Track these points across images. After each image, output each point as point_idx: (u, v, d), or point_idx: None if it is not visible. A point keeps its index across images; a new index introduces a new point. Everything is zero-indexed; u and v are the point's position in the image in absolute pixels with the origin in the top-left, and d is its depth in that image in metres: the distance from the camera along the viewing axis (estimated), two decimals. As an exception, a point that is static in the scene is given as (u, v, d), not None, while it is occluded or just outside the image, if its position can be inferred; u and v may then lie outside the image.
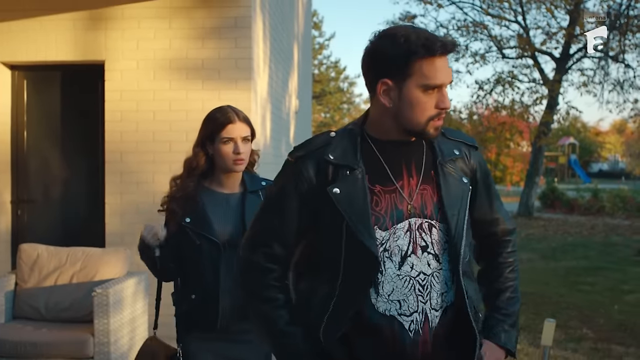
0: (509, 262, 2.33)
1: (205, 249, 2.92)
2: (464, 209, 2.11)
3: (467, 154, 2.22)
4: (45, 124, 6.64)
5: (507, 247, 2.33)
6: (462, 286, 2.09)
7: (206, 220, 2.94)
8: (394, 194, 2.07)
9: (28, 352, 4.67)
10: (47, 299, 5.17)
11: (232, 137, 2.93)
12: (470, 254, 2.25)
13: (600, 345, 6.85)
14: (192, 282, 2.98)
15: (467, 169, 2.19)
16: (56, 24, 6.29)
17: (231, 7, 6.14)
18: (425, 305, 2.04)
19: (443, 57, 1.98)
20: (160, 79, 6.22)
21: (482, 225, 2.29)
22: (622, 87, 22.36)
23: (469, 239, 2.19)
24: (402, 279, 2.04)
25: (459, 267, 2.08)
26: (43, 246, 5.38)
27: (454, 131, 2.28)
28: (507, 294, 2.29)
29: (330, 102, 43.40)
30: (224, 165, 2.95)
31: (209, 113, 3.01)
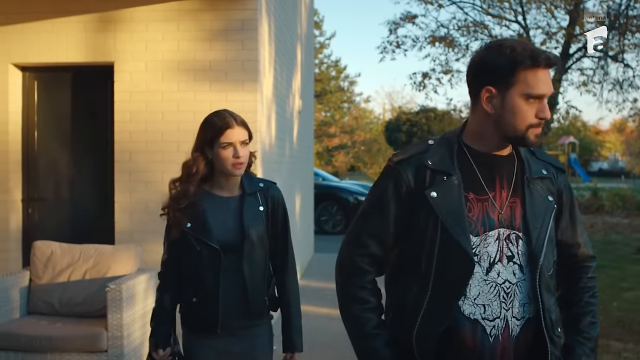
0: (589, 287, 2.35)
1: (205, 255, 2.98)
2: (547, 224, 2.19)
3: (555, 176, 2.29)
4: (55, 124, 6.77)
5: (587, 272, 2.36)
6: (539, 298, 2.15)
7: (206, 226, 2.98)
8: (487, 202, 2.17)
9: (43, 345, 4.77)
10: (61, 294, 5.29)
11: (231, 142, 2.96)
12: (554, 270, 2.26)
13: (599, 341, 6.89)
14: (192, 286, 3.04)
15: (553, 189, 2.27)
16: (67, 27, 6.41)
17: (238, 10, 6.27)
18: (507, 313, 2.13)
19: (546, 69, 2.10)
20: (169, 80, 6.35)
21: (564, 248, 2.32)
22: (621, 87, 22.45)
23: (552, 255, 2.24)
24: (489, 285, 2.13)
25: (536, 278, 2.15)
26: (56, 243, 5.51)
27: (544, 153, 2.36)
28: (588, 318, 2.32)
29: (330, 101, 43.40)
30: (224, 169, 2.99)
31: (207, 118, 3.03)
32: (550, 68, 2.12)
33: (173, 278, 3.11)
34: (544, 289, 2.16)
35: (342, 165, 45.13)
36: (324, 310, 7.69)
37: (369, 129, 48.90)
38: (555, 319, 2.22)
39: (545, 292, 2.16)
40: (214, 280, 2.98)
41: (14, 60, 6.53)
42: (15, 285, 5.24)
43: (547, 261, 2.19)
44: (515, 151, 2.25)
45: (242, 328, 3.05)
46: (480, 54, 2.19)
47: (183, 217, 2.99)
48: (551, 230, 2.20)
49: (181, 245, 3.03)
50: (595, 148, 61.33)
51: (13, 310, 5.21)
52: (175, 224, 3.02)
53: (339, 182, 20.03)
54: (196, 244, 2.98)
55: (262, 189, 3.13)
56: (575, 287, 2.36)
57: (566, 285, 2.38)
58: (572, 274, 2.36)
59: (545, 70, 2.10)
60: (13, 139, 6.59)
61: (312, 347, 6.39)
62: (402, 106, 45.81)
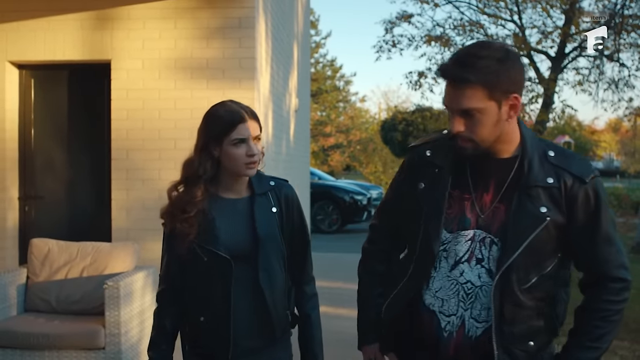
0: (602, 310, 2.18)
1: (213, 267, 2.57)
2: (527, 236, 2.10)
3: (567, 185, 2.14)
4: (52, 122, 6.77)
5: (604, 293, 2.18)
6: (492, 305, 2.13)
7: (214, 233, 2.57)
8: (467, 202, 2.22)
9: (41, 343, 4.76)
10: (58, 292, 5.29)
11: (244, 138, 2.54)
12: (539, 283, 2.16)
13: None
14: (199, 303, 2.62)
15: (558, 200, 2.14)
16: (64, 24, 6.41)
17: (235, 8, 6.27)
18: (465, 312, 2.17)
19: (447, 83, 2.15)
20: (166, 78, 6.35)
21: (581, 264, 2.24)
22: (617, 86, 22.48)
23: (536, 268, 2.14)
24: (450, 281, 2.20)
25: (497, 286, 2.12)
26: (54, 241, 5.50)
27: (568, 156, 2.20)
28: (585, 340, 2.18)
29: (326, 100, 43.45)
30: (234, 169, 2.58)
31: (212, 110, 2.62)
32: (450, 82, 2.13)
33: (175, 297, 2.68)
34: (508, 299, 2.12)
35: (337, 165, 45.15)
36: (321, 309, 7.65)
37: (364, 128, 48.93)
38: (521, 332, 2.15)
39: (509, 302, 2.12)
40: (224, 295, 2.57)
41: (11, 58, 6.52)
42: (12, 283, 5.24)
43: (523, 273, 2.12)
44: (523, 154, 2.18)
45: (258, 350, 2.65)
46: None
47: (190, 227, 2.56)
48: (536, 242, 2.11)
49: (185, 257, 2.61)
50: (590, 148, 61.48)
51: (10, 308, 5.20)
52: (181, 236, 2.57)
53: (335, 182, 20.04)
54: (203, 254, 2.57)
55: (273, 188, 2.73)
56: (588, 303, 2.22)
57: (584, 298, 2.26)
58: (589, 293, 2.23)
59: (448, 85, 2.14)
60: (10, 137, 6.59)
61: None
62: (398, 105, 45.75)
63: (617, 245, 2.19)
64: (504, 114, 2.11)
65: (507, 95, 2.09)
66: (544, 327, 2.19)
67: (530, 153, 2.17)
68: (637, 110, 22.48)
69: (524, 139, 2.20)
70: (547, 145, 2.22)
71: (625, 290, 2.18)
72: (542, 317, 2.18)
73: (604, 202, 2.16)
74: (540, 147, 2.19)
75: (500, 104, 2.09)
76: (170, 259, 2.68)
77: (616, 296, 2.17)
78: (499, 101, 2.09)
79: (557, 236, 2.14)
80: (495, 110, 2.09)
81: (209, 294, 2.60)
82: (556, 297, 2.22)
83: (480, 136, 2.12)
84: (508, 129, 2.16)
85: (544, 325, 2.19)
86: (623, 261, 2.19)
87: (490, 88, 2.06)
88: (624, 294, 2.18)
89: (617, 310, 2.18)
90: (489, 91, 2.06)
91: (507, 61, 2.09)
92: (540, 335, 2.19)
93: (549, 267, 2.16)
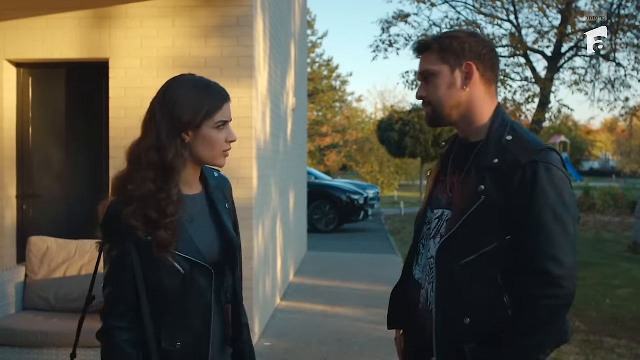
0: (526, 303, 2.08)
1: (193, 279, 2.18)
2: (465, 213, 2.17)
3: (508, 166, 2.14)
4: (50, 120, 6.76)
5: (529, 285, 2.08)
6: (427, 275, 2.33)
7: (189, 238, 2.19)
8: (444, 184, 2.38)
9: (39, 341, 4.76)
10: (57, 290, 5.29)
11: (227, 121, 2.23)
12: (480, 268, 2.16)
13: (592, 337, 7.00)
14: (174, 326, 2.18)
15: (500, 180, 2.14)
16: (62, 23, 6.40)
17: (233, 7, 6.26)
18: (429, 286, 2.32)
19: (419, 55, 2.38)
20: (164, 76, 6.27)
21: (515, 251, 2.14)
22: (613, 86, 22.55)
23: (472, 246, 2.16)
24: (427, 259, 2.36)
25: (441, 260, 2.23)
26: (52, 239, 5.50)
27: (521, 140, 2.20)
28: (511, 332, 2.10)
29: (322, 100, 43.51)
30: (208, 157, 2.22)
31: (185, 83, 2.25)
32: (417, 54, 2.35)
33: (134, 324, 2.17)
34: (447, 272, 2.20)
35: (334, 165, 45.23)
36: (319, 308, 7.70)
37: (361, 128, 49.01)
38: (457, 307, 2.18)
39: (448, 275, 2.20)
40: (205, 311, 2.21)
41: (9, 56, 6.51)
42: (10, 281, 5.24)
43: (462, 248, 2.17)
44: (488, 138, 2.24)
45: None
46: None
47: (173, 235, 2.13)
48: (474, 219, 2.14)
49: (156, 272, 2.15)
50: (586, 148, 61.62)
51: (9, 306, 5.20)
52: (160, 246, 2.11)
53: (332, 181, 20.06)
54: (181, 266, 2.14)
55: (218, 181, 2.43)
56: (516, 299, 2.12)
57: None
58: (517, 283, 2.12)
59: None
60: (7, 136, 6.58)
61: (308, 344, 6.42)
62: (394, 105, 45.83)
63: (552, 236, 2.06)
64: (458, 80, 2.25)
65: (460, 62, 2.24)
66: (483, 309, 2.16)
67: (490, 136, 2.24)
68: (633, 110, 22.55)
69: (492, 124, 2.27)
70: (511, 129, 2.24)
71: (551, 285, 2.04)
72: (482, 298, 2.16)
73: (541, 188, 2.08)
74: (502, 131, 2.23)
75: (453, 69, 2.25)
76: (127, 277, 2.14)
77: (540, 290, 2.05)
78: (452, 66, 2.24)
79: (499, 217, 2.13)
80: (448, 74, 2.25)
81: (186, 313, 2.19)
82: (497, 287, 2.14)
83: (435, 98, 2.27)
84: (470, 102, 2.26)
85: (483, 307, 2.16)
86: (553, 253, 2.05)
87: (443, 52, 2.25)
88: (550, 289, 2.05)
89: (543, 306, 2.05)
90: (442, 54, 2.25)
91: (468, 35, 2.28)
92: (477, 315, 2.16)
93: (489, 247, 2.14)
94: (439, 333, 2.21)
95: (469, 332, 2.15)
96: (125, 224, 2.11)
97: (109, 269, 2.19)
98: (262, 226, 6.71)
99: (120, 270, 2.15)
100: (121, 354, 2.15)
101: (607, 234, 16.91)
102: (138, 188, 2.13)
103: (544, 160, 2.11)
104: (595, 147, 64.38)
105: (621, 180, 42.35)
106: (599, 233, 17.04)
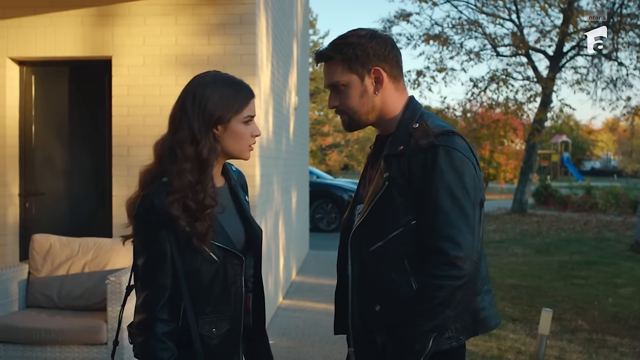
0: (423, 282, 2.11)
1: (225, 267, 2.27)
2: (372, 200, 2.22)
3: (410, 152, 2.18)
4: (53, 118, 6.76)
5: (427, 265, 2.10)
6: (351, 266, 2.30)
7: (220, 227, 2.27)
8: (365, 180, 2.41)
9: (43, 338, 4.77)
10: (60, 287, 5.30)
11: (254, 115, 2.33)
12: (389, 252, 2.19)
13: (595, 336, 7.00)
14: (209, 313, 2.26)
15: (404, 166, 2.18)
16: (64, 21, 6.40)
17: (236, 4, 6.26)
18: (349, 282, 2.33)
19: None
20: (167, 74, 6.34)
21: (419, 230, 2.17)
22: (615, 85, 22.57)
23: (379, 232, 2.20)
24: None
25: (352, 248, 2.28)
26: (55, 236, 5.51)
27: (424, 126, 2.23)
28: (409, 315, 2.12)
29: (324, 100, 43.43)
30: (236, 151, 2.31)
31: (215, 80, 2.32)
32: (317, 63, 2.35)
33: (175, 316, 2.24)
34: (358, 259, 2.25)
35: (335, 164, 45.23)
36: (321, 306, 7.71)
37: (362, 127, 48.91)
38: (368, 293, 2.23)
39: (359, 262, 2.25)
40: (237, 299, 2.31)
41: (11, 54, 6.51)
42: (14, 279, 5.24)
43: (371, 235, 2.22)
44: (397, 128, 2.29)
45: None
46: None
47: (210, 226, 2.21)
48: (380, 205, 2.19)
49: (194, 263, 2.23)
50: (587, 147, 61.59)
51: (12, 304, 5.21)
52: (198, 237, 2.19)
53: (333, 180, 20.06)
54: (215, 255, 2.23)
55: (236, 174, 2.53)
56: (415, 279, 2.15)
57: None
58: (419, 263, 2.14)
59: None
60: (10, 133, 6.58)
61: (311, 342, 6.42)
62: (395, 105, 45.70)
63: (449, 217, 2.08)
64: (369, 86, 2.27)
65: (368, 68, 2.25)
66: (392, 295, 2.17)
67: (400, 127, 2.28)
68: (635, 110, 22.55)
69: (403, 115, 2.30)
70: (419, 117, 2.28)
71: (447, 265, 2.05)
72: (391, 284, 2.18)
73: (439, 170, 2.11)
74: (410, 120, 2.27)
75: (362, 77, 2.26)
76: (167, 267, 2.21)
77: (436, 269, 2.06)
78: (360, 74, 2.25)
79: (403, 202, 2.16)
80: (358, 82, 2.26)
81: (220, 301, 2.27)
82: (404, 271, 2.17)
83: (350, 107, 2.29)
84: (383, 103, 2.29)
85: (392, 293, 2.17)
86: (450, 234, 2.06)
87: (349, 61, 2.24)
88: (447, 270, 2.05)
89: (439, 286, 2.05)
90: (348, 64, 2.24)
91: (369, 38, 2.26)
92: (387, 303, 2.18)
93: (395, 232, 2.17)
94: (354, 321, 2.25)
95: (379, 319, 2.19)
96: (166, 214, 2.16)
97: (148, 261, 2.22)
98: (264, 225, 6.71)
99: (160, 260, 2.20)
100: (162, 346, 2.18)
101: (609, 233, 16.90)
102: (178, 180, 2.19)
103: (444, 144, 2.14)
104: (597, 147, 64.34)
105: (622, 179, 42.31)
106: (601, 232, 17.04)
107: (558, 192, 25.29)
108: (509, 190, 32.61)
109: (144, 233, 2.22)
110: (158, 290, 2.20)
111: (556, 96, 47.33)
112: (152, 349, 2.19)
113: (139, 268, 2.24)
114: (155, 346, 2.18)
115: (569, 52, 22.91)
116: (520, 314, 7.89)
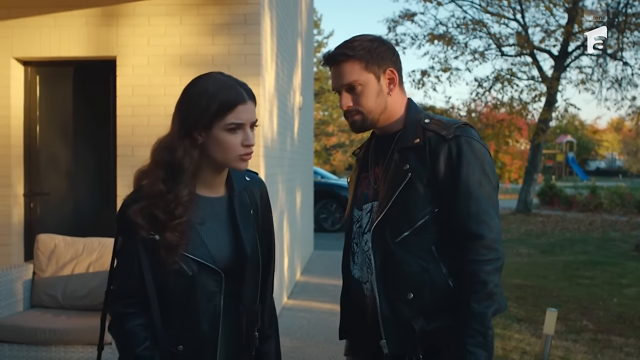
0: (467, 272, 2.17)
1: (201, 282, 2.13)
2: (393, 193, 2.25)
3: (431, 143, 2.25)
4: (57, 118, 6.77)
5: (470, 252, 2.18)
6: (367, 264, 2.33)
7: (200, 240, 2.15)
8: (367, 179, 2.44)
9: (47, 338, 4.76)
10: (65, 287, 5.29)
11: (242, 123, 2.12)
12: (415, 241, 2.23)
13: (600, 336, 6.98)
14: (177, 328, 2.14)
15: (425, 157, 2.24)
16: (69, 21, 6.41)
17: (240, 4, 6.26)
18: (372, 277, 2.32)
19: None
20: (171, 74, 6.35)
21: (449, 221, 2.23)
22: (620, 85, 22.53)
23: (404, 225, 2.23)
24: (363, 253, 2.37)
25: (376, 242, 2.29)
26: (60, 236, 5.50)
27: (439, 121, 2.32)
28: (464, 305, 2.16)
29: (328, 100, 43.42)
30: (223, 160, 2.15)
31: (200, 84, 2.15)
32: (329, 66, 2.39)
33: (145, 312, 2.14)
34: (383, 253, 2.27)
35: (340, 164, 45.20)
36: (326, 306, 7.70)
37: (367, 127, 48.91)
38: (398, 284, 2.25)
39: (385, 256, 2.27)
40: (213, 316, 2.15)
41: (16, 54, 6.53)
42: (18, 278, 5.24)
43: (395, 227, 2.25)
44: (405, 125, 2.35)
45: None
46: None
47: (180, 237, 2.09)
48: (404, 196, 2.24)
49: (163, 273, 2.11)
50: (592, 147, 61.47)
51: (17, 304, 5.21)
52: (167, 248, 2.08)
53: (338, 180, 20.04)
54: (188, 268, 2.10)
55: (248, 184, 2.35)
56: (461, 269, 2.20)
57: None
58: (458, 254, 2.21)
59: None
60: (15, 134, 6.59)
61: (316, 343, 6.41)
62: (400, 105, 45.73)
63: (479, 202, 2.19)
64: (384, 86, 2.33)
65: (384, 69, 2.32)
66: (423, 282, 2.23)
67: (408, 123, 2.35)
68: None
69: (408, 114, 2.38)
70: (425, 115, 2.36)
71: (485, 249, 2.15)
72: (421, 273, 2.23)
73: (466, 159, 2.21)
74: (417, 117, 2.35)
75: (378, 77, 2.32)
76: (135, 272, 2.13)
77: (477, 255, 2.15)
78: (376, 74, 2.31)
79: (425, 191, 2.23)
80: (375, 82, 2.31)
81: (191, 316, 2.14)
82: (433, 259, 2.23)
83: (366, 107, 2.32)
84: (392, 103, 2.36)
85: (423, 281, 2.23)
86: (484, 218, 2.18)
87: (366, 61, 2.29)
88: (485, 253, 2.15)
89: (489, 271, 2.14)
90: (365, 64, 2.29)
91: (378, 42, 2.33)
92: (420, 290, 2.23)
93: (420, 221, 2.23)
94: (385, 314, 2.26)
95: (413, 307, 2.23)
96: (131, 222, 2.09)
97: (119, 262, 2.18)
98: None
99: (128, 264, 2.13)
100: (135, 337, 2.11)
101: (614, 233, 16.86)
102: (149, 186, 2.11)
103: (465, 135, 2.25)
104: (602, 147, 64.20)
105: (628, 179, 42.19)
106: (606, 232, 17.00)
107: (563, 192, 25.23)
108: (513, 190, 32.56)
109: (116, 235, 2.19)
110: (124, 291, 2.15)
111: (561, 96, 47.24)
112: (124, 342, 2.14)
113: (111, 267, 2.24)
114: (127, 337, 2.12)
115: (573, 52, 22.86)
116: (525, 314, 7.87)
